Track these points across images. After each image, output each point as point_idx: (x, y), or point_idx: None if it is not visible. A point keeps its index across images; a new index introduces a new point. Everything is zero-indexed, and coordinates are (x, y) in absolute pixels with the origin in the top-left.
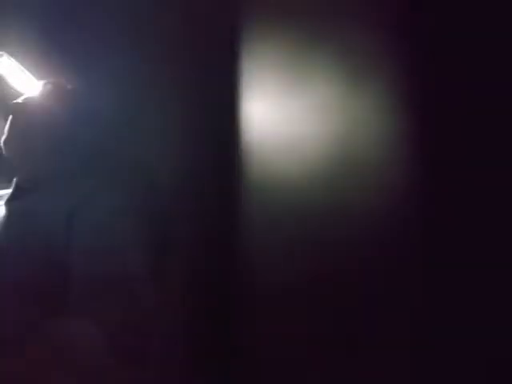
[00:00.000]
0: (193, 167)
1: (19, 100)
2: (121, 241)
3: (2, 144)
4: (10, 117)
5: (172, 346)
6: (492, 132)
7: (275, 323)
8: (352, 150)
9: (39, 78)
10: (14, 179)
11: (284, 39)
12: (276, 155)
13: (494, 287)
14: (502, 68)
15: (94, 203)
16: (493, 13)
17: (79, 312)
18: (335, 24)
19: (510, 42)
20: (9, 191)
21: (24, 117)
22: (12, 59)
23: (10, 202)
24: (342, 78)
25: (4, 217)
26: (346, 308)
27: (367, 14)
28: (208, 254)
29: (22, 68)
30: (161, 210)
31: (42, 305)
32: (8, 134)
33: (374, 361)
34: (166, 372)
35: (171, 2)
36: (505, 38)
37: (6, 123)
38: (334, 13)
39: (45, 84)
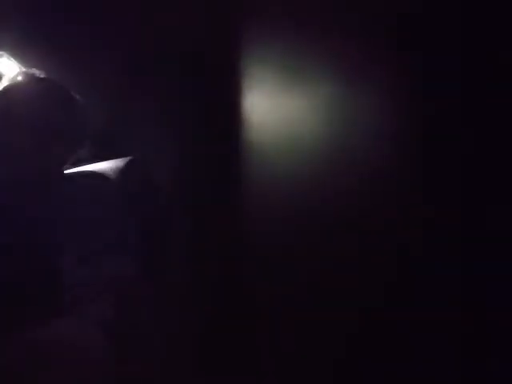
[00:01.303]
0: (193, 167)
1: None
2: (112, 241)
3: None
4: None
5: (172, 346)
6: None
7: (275, 323)
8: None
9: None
10: None
11: (284, 40)
12: (276, 155)
13: None
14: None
15: (82, 203)
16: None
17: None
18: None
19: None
20: None
21: None
22: (12, 59)
23: None
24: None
25: None
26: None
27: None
28: (208, 254)
29: (22, 68)
30: (159, 210)
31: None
32: None
33: None
34: (167, 372)
35: (172, 2)
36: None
37: None
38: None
39: (16, 75)
